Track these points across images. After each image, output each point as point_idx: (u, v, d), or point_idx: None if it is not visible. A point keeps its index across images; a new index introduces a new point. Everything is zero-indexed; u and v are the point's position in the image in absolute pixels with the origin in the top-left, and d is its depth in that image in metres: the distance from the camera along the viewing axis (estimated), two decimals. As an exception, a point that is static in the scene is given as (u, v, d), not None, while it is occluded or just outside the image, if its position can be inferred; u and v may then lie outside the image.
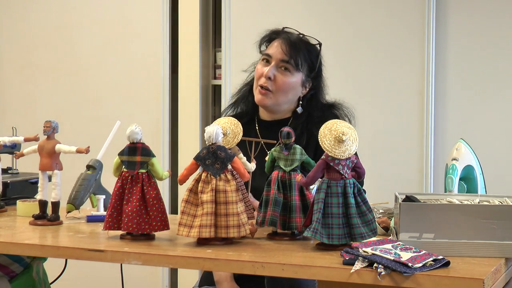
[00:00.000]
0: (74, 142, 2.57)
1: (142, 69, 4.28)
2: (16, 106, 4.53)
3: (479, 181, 2.53)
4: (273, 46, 2.76)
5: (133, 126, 2.24)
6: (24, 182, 2.97)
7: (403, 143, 3.82)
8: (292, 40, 2.75)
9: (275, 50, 2.75)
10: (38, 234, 2.36)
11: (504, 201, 2.19)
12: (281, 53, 2.73)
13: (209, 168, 2.16)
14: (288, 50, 2.72)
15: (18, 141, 2.65)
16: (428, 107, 3.76)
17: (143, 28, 4.26)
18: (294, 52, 2.73)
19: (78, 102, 4.40)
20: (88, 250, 2.14)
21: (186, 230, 2.14)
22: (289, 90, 2.75)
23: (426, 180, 3.78)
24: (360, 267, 1.89)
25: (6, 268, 2.86)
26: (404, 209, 2.04)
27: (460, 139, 2.58)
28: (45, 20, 4.46)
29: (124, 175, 2.24)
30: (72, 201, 2.55)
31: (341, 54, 3.90)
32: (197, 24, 4.19)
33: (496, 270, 1.92)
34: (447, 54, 3.76)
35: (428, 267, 1.87)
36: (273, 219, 2.20)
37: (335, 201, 2.08)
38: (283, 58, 2.73)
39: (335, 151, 2.07)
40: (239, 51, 4.02)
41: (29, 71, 4.50)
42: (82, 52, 4.39)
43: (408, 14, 3.79)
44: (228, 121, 2.37)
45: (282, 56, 2.73)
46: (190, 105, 4.22)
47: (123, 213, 2.21)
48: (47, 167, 2.49)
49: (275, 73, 2.72)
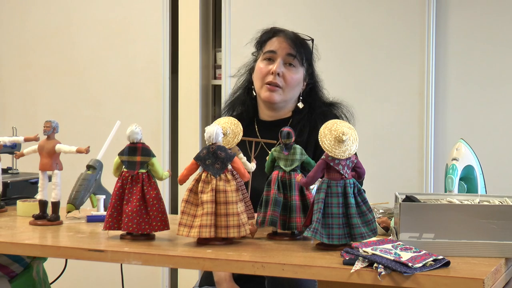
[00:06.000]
0: (74, 142, 2.57)
1: (142, 69, 4.28)
2: (16, 106, 4.53)
3: (479, 181, 2.53)
4: (275, 43, 2.76)
5: (133, 126, 2.24)
6: (24, 182, 2.97)
7: (403, 143, 3.82)
8: (293, 36, 2.76)
9: (279, 46, 2.75)
10: (38, 234, 2.36)
11: (504, 201, 2.19)
12: (287, 47, 2.74)
13: (209, 168, 2.16)
14: (292, 44, 2.74)
15: (18, 141, 2.65)
16: (428, 107, 3.76)
17: (143, 28, 4.26)
18: (299, 47, 2.74)
19: (78, 102, 4.40)
20: (88, 250, 2.13)
21: (186, 230, 2.14)
22: (296, 85, 2.77)
23: (426, 180, 3.78)
24: (360, 267, 1.89)
25: (6, 268, 2.85)
26: (404, 209, 2.04)
27: (460, 139, 2.58)
28: (45, 20, 4.46)
29: (124, 175, 2.24)
30: (72, 201, 2.55)
31: (341, 54, 3.90)
32: (197, 24, 4.20)
33: (496, 270, 1.92)
34: (447, 54, 3.76)
35: (428, 267, 1.87)
36: (273, 219, 2.20)
37: (335, 201, 2.08)
38: (289, 52, 2.73)
39: (335, 151, 2.07)
40: (239, 51, 4.02)
41: (29, 71, 4.50)
42: (82, 52, 4.39)
43: (408, 14, 3.79)
44: (228, 121, 2.37)
45: (289, 50, 2.74)
46: (190, 105, 4.22)
47: (123, 213, 2.20)
48: (47, 167, 2.48)
49: (283, 70, 2.73)
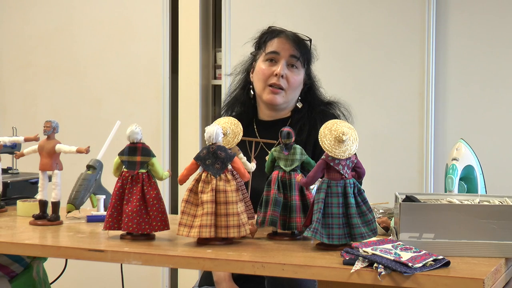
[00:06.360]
0: (74, 142, 2.57)
1: (142, 69, 4.28)
2: (16, 106, 4.53)
3: (479, 181, 2.53)
4: (277, 44, 2.75)
5: (133, 126, 2.24)
6: (24, 182, 2.97)
7: (403, 143, 3.82)
8: (294, 37, 2.76)
9: (282, 47, 2.74)
10: (38, 234, 2.36)
11: (504, 201, 2.19)
12: (290, 49, 2.73)
13: (209, 168, 2.16)
14: (295, 45, 2.73)
15: (18, 141, 2.65)
16: (428, 107, 3.76)
17: (143, 28, 4.26)
18: (301, 48, 2.74)
19: (78, 102, 4.40)
20: (88, 250, 2.13)
21: (186, 230, 2.14)
22: (298, 87, 2.77)
23: (426, 180, 3.78)
24: (360, 267, 1.89)
25: (6, 268, 2.85)
26: (404, 209, 2.04)
27: (460, 139, 2.58)
28: (45, 20, 4.46)
29: (124, 175, 2.24)
30: (72, 201, 2.55)
31: (341, 54, 3.90)
32: (197, 24, 4.20)
33: (496, 270, 1.92)
34: (447, 54, 3.76)
35: (428, 267, 1.87)
36: (273, 219, 2.20)
37: (335, 201, 2.07)
38: (293, 54, 2.73)
39: (335, 151, 2.07)
40: (239, 51, 4.01)
41: (29, 71, 4.50)
42: (82, 52, 4.39)
43: (408, 14, 3.79)
44: (228, 121, 2.37)
45: (292, 52, 2.73)
46: (190, 105, 4.22)
47: (123, 213, 2.20)
48: (47, 167, 2.48)
49: (286, 72, 2.73)
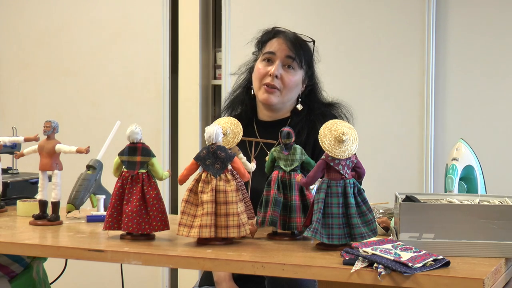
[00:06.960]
0: (74, 142, 2.57)
1: (142, 69, 4.28)
2: (16, 106, 4.53)
3: (479, 181, 2.53)
4: (274, 44, 2.76)
5: (133, 126, 2.24)
6: (24, 182, 2.97)
7: (403, 143, 3.82)
8: (293, 38, 2.76)
9: (278, 47, 2.75)
10: (38, 234, 2.36)
11: (504, 201, 2.19)
12: (286, 49, 2.73)
13: (209, 168, 2.16)
14: (292, 46, 2.73)
15: (18, 141, 2.65)
16: (428, 107, 3.76)
17: (143, 28, 4.26)
18: (298, 49, 2.74)
19: (78, 102, 4.40)
20: (88, 250, 2.13)
21: (186, 230, 2.14)
22: (294, 88, 2.76)
23: (426, 180, 3.77)
24: (360, 267, 1.89)
25: (6, 268, 2.85)
26: (404, 209, 2.04)
27: (460, 139, 2.58)
28: (45, 20, 4.46)
29: (124, 175, 2.23)
30: (72, 201, 2.55)
31: (341, 54, 3.90)
32: (197, 24, 4.19)
33: (496, 270, 1.92)
34: (447, 54, 3.76)
35: (428, 267, 1.87)
36: (273, 219, 2.20)
37: (335, 201, 2.07)
38: (289, 54, 2.73)
39: (335, 151, 2.07)
40: (239, 51, 4.01)
41: (29, 71, 4.50)
42: (82, 52, 4.39)
43: (408, 14, 3.79)
44: (228, 121, 2.37)
45: (288, 52, 2.73)
46: (190, 105, 4.22)
47: (123, 213, 2.20)
48: (47, 167, 2.48)
49: (281, 72, 2.73)
